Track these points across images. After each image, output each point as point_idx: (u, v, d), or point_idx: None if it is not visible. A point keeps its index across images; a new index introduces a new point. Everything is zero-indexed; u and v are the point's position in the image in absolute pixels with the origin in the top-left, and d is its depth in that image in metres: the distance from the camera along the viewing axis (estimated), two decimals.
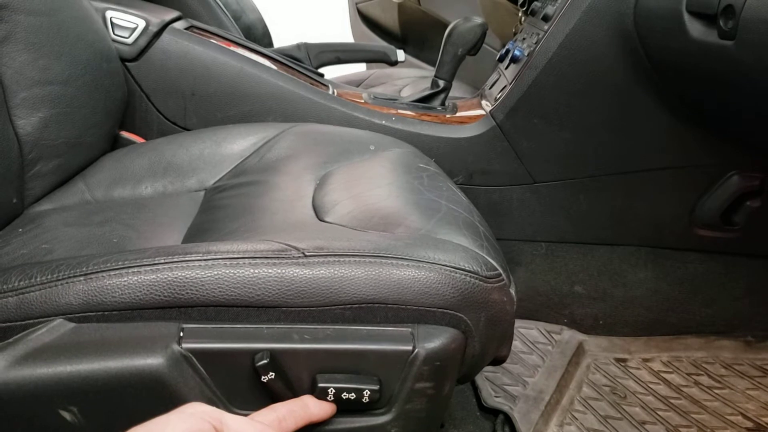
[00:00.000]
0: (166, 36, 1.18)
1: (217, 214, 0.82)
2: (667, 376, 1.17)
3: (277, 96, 1.20)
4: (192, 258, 0.60)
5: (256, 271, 0.59)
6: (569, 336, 1.25)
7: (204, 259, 0.60)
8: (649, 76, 1.13)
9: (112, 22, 1.15)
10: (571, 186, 1.24)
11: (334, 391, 0.58)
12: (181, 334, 0.57)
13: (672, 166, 1.22)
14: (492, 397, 1.08)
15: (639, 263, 1.28)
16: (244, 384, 0.58)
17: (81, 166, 0.98)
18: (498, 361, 0.71)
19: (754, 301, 1.28)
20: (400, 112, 1.29)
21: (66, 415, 0.56)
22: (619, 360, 1.21)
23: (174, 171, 0.96)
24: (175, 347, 0.57)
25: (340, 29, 2.77)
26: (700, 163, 1.21)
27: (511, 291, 0.66)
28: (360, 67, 2.35)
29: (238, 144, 1.00)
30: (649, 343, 1.25)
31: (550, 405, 1.07)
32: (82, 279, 0.59)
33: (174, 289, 0.58)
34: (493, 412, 1.07)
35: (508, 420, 1.04)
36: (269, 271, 0.59)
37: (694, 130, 1.17)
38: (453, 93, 1.41)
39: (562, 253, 1.29)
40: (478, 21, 1.32)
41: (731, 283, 1.28)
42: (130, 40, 1.16)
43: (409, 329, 0.61)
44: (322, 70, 1.49)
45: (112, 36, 1.14)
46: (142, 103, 1.19)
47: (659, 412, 1.07)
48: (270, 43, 1.94)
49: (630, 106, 1.17)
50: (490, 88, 1.39)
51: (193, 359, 0.57)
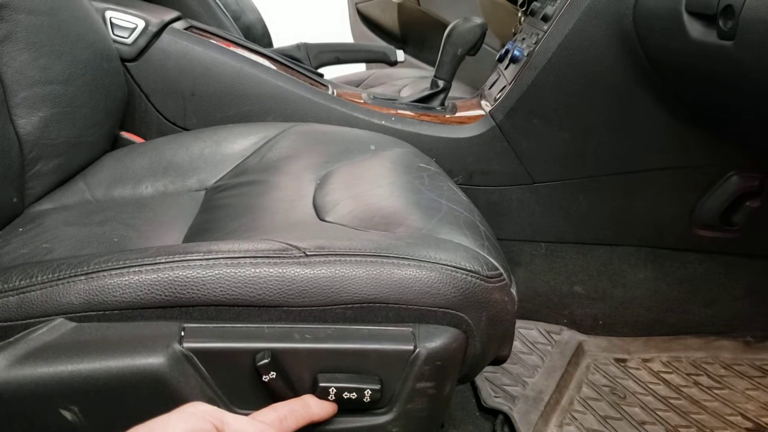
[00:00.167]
0: (165, 36, 1.18)
1: (217, 213, 0.82)
2: (666, 377, 1.17)
3: (277, 96, 1.20)
4: (193, 257, 0.60)
5: (257, 270, 0.59)
6: (569, 336, 1.25)
7: (205, 259, 0.60)
8: (648, 76, 1.14)
9: (111, 22, 1.15)
10: (571, 186, 1.24)
11: (335, 390, 0.58)
12: (182, 334, 0.57)
13: (671, 167, 1.22)
14: (491, 398, 1.08)
15: (638, 263, 1.28)
16: (245, 383, 0.58)
17: (81, 166, 0.98)
18: (499, 360, 0.71)
19: (754, 301, 1.28)
20: (399, 112, 1.29)
21: (67, 415, 0.56)
22: (618, 360, 1.21)
23: (174, 170, 0.96)
24: (176, 347, 0.56)
25: (339, 29, 2.76)
26: (700, 163, 1.21)
27: (512, 291, 0.66)
28: (359, 68, 2.35)
29: (238, 143, 1.00)
30: (648, 344, 1.25)
31: (549, 405, 1.07)
32: (83, 278, 0.58)
33: (175, 289, 0.58)
34: (493, 413, 1.07)
35: (508, 420, 1.04)
36: (270, 270, 0.59)
37: (693, 131, 1.17)
38: (452, 93, 1.41)
39: (562, 254, 1.29)
40: (478, 21, 1.32)
41: (731, 283, 1.28)
42: (130, 41, 1.15)
43: (411, 329, 0.61)
44: (321, 71, 1.49)
45: (112, 36, 1.14)
46: (141, 104, 1.18)
47: (659, 413, 1.08)
48: (269, 44, 1.94)
49: (629, 107, 1.17)
50: (490, 89, 1.39)
51: (194, 359, 0.57)
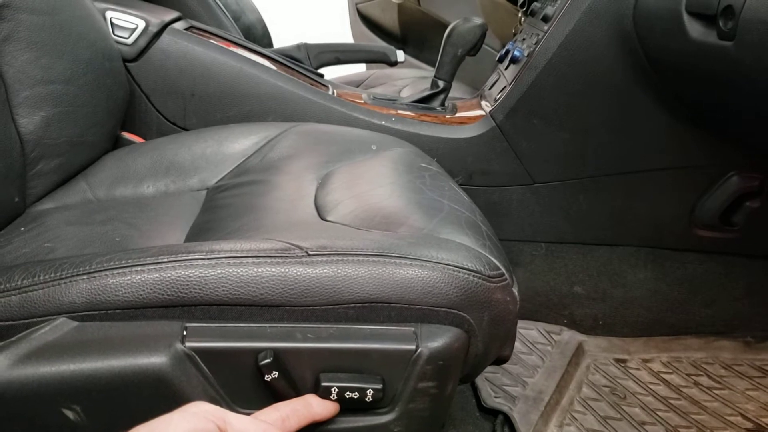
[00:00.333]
0: (165, 36, 1.18)
1: (219, 213, 0.82)
2: (666, 377, 1.17)
3: (277, 96, 1.20)
4: (195, 257, 0.60)
5: (259, 270, 0.59)
6: (569, 336, 1.25)
7: (207, 258, 0.60)
8: (648, 76, 1.14)
9: (111, 23, 1.15)
10: (571, 186, 1.25)
11: (337, 390, 0.58)
12: (184, 333, 0.57)
13: (671, 167, 1.22)
14: (492, 398, 1.08)
15: (639, 264, 1.28)
16: (247, 383, 0.58)
17: (83, 165, 0.98)
18: (500, 360, 0.71)
19: (754, 301, 1.28)
20: (399, 112, 1.29)
21: (69, 414, 0.56)
22: (618, 360, 1.21)
23: (176, 170, 0.96)
24: (179, 346, 0.56)
25: (339, 29, 2.76)
26: (700, 163, 1.21)
27: (514, 290, 0.67)
28: (360, 68, 2.35)
29: (239, 143, 1.00)
30: (648, 344, 1.25)
31: (549, 405, 1.07)
32: (85, 277, 0.58)
33: (177, 288, 0.58)
34: (493, 413, 1.06)
35: (508, 420, 1.04)
36: (272, 270, 0.59)
37: (693, 131, 1.18)
38: (453, 93, 1.41)
39: (562, 254, 1.29)
40: (478, 21, 1.32)
41: (731, 283, 1.28)
42: (130, 41, 1.15)
43: (413, 328, 0.61)
44: (321, 71, 1.49)
45: (112, 36, 1.14)
46: (141, 104, 1.18)
47: (659, 413, 1.08)
48: (270, 44, 1.94)
49: (629, 107, 1.17)
50: (490, 89, 1.39)
51: (197, 358, 0.57)
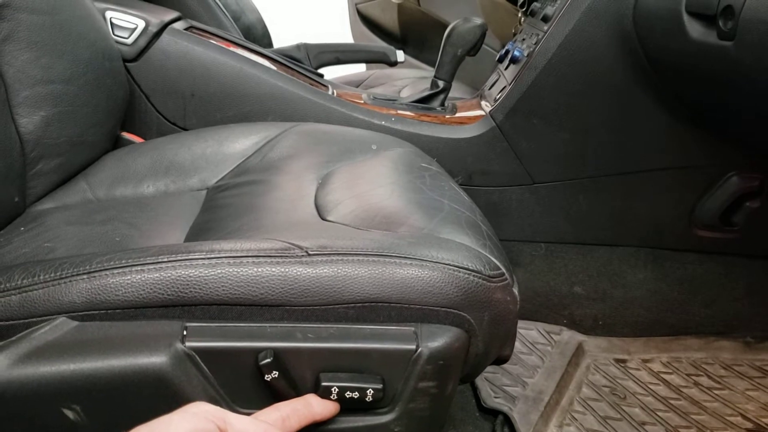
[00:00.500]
0: (165, 36, 1.17)
1: (219, 213, 0.82)
2: (666, 377, 1.17)
3: (277, 96, 1.20)
4: (195, 256, 0.60)
5: (259, 269, 0.59)
6: (569, 337, 1.25)
7: (207, 258, 0.60)
8: (648, 76, 1.14)
9: (111, 23, 1.15)
10: (571, 186, 1.25)
11: (337, 390, 0.58)
12: (184, 333, 0.57)
13: (671, 167, 1.22)
14: (491, 398, 1.08)
15: (638, 264, 1.28)
16: (247, 383, 0.58)
17: (83, 165, 0.98)
18: (501, 360, 0.71)
19: (754, 301, 1.28)
20: (399, 112, 1.29)
21: (69, 414, 0.56)
22: (618, 361, 1.21)
23: (176, 170, 0.96)
24: (179, 346, 0.56)
25: (339, 30, 2.77)
26: (700, 163, 1.21)
27: (514, 290, 0.67)
28: (359, 68, 2.35)
29: (240, 143, 1.00)
30: (648, 344, 1.25)
31: (549, 406, 1.07)
32: (85, 277, 0.58)
33: (177, 288, 0.58)
34: (493, 413, 1.06)
35: (508, 420, 1.04)
36: (273, 269, 0.59)
37: (693, 131, 1.18)
38: (452, 94, 1.41)
39: (562, 254, 1.29)
40: (478, 22, 1.32)
41: (731, 283, 1.28)
42: (130, 41, 1.15)
43: (413, 328, 0.61)
44: (321, 71, 1.49)
45: (112, 36, 1.14)
46: (141, 104, 1.18)
47: (659, 413, 1.08)
48: (269, 44, 1.94)
49: (629, 107, 1.18)
50: (490, 89, 1.39)
51: (197, 358, 0.57)
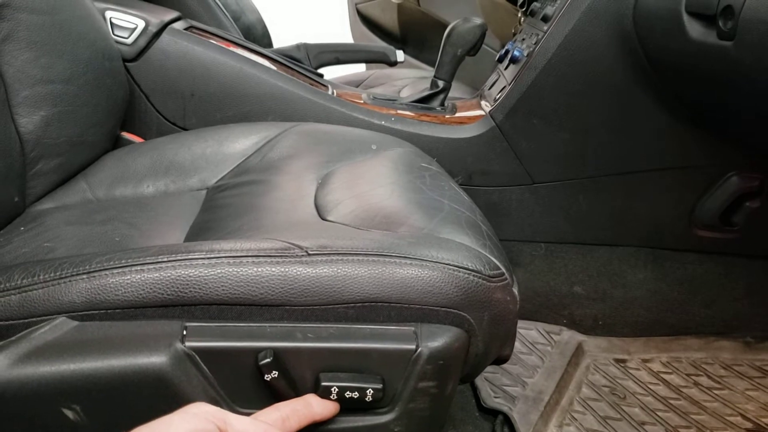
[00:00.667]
0: (165, 36, 1.17)
1: (219, 213, 0.82)
2: (666, 377, 1.17)
3: (277, 96, 1.20)
4: (195, 256, 0.60)
5: (259, 269, 0.59)
6: (568, 336, 1.25)
7: (207, 258, 0.60)
8: (648, 76, 1.14)
9: (111, 23, 1.15)
10: (571, 186, 1.25)
11: (337, 390, 0.58)
12: (184, 333, 0.57)
13: (671, 167, 1.22)
14: (491, 398, 1.08)
15: (638, 264, 1.28)
16: (247, 383, 0.58)
17: (83, 165, 0.98)
18: (500, 360, 0.71)
19: (754, 301, 1.28)
20: (399, 112, 1.29)
21: (69, 414, 0.56)
22: (618, 361, 1.21)
23: (176, 170, 0.96)
24: (179, 346, 0.56)
25: (339, 30, 2.77)
26: (700, 163, 1.21)
27: (514, 290, 0.67)
28: (359, 68, 2.35)
29: (239, 143, 1.00)
30: (648, 344, 1.25)
31: (549, 405, 1.07)
32: (85, 277, 0.58)
33: (177, 288, 0.58)
34: (493, 413, 1.06)
35: (508, 420, 1.04)
36: (273, 269, 0.59)
37: (693, 131, 1.18)
38: (452, 93, 1.41)
39: (562, 254, 1.29)
40: (478, 22, 1.32)
41: (731, 283, 1.28)
42: (130, 41, 1.15)
43: (413, 328, 0.61)
44: (321, 71, 1.49)
45: (112, 36, 1.14)
46: (141, 104, 1.18)
47: (659, 413, 1.08)
48: (269, 44, 1.94)
49: (629, 107, 1.18)
50: (490, 89, 1.39)
51: (197, 358, 0.57)
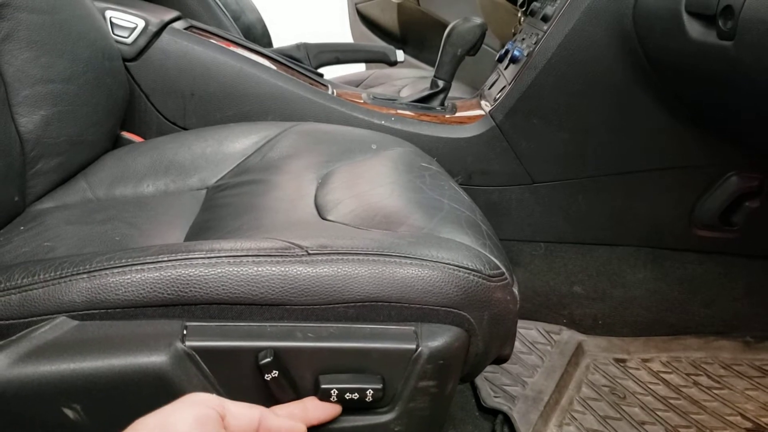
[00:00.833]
0: (165, 36, 1.18)
1: (219, 212, 0.82)
2: (666, 377, 1.17)
3: (277, 96, 1.20)
4: (195, 256, 0.60)
5: (259, 269, 0.59)
6: (568, 336, 1.25)
7: (207, 257, 0.60)
8: (648, 76, 1.14)
9: (111, 22, 1.15)
10: (570, 186, 1.25)
11: (336, 391, 0.58)
12: (184, 332, 0.57)
13: (671, 167, 1.22)
14: (491, 398, 1.08)
15: (638, 264, 1.28)
16: (247, 382, 0.58)
17: (83, 165, 0.98)
18: (500, 360, 0.71)
19: (753, 301, 1.28)
20: (399, 112, 1.29)
21: (69, 413, 0.56)
22: (618, 360, 1.21)
23: (176, 169, 0.96)
24: (179, 345, 0.56)
25: (339, 29, 2.77)
26: (699, 163, 1.21)
27: (514, 290, 0.67)
28: (359, 68, 2.35)
29: (240, 143, 1.00)
30: (648, 344, 1.25)
31: (549, 405, 1.07)
32: (85, 276, 0.58)
33: (177, 287, 0.58)
34: (493, 413, 1.06)
35: (508, 420, 1.04)
36: (273, 269, 0.59)
37: (693, 131, 1.18)
38: (452, 93, 1.41)
39: (561, 254, 1.29)
40: (478, 21, 1.32)
41: (730, 283, 1.28)
42: (130, 40, 1.15)
43: (413, 328, 0.61)
44: (321, 71, 1.49)
45: (112, 35, 1.14)
46: (141, 103, 1.18)
47: (658, 413, 1.08)
48: (269, 43, 1.94)
49: (629, 107, 1.18)
50: (490, 89, 1.39)
51: (197, 357, 0.57)
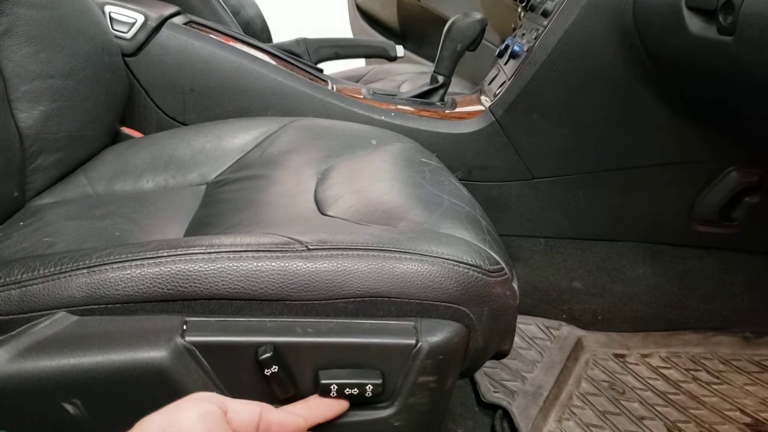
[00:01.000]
0: (164, 31, 1.17)
1: (218, 207, 0.82)
2: (665, 372, 1.17)
3: (276, 91, 1.20)
4: (195, 251, 0.60)
5: (259, 264, 0.59)
6: (568, 331, 1.25)
7: (207, 252, 0.60)
8: (648, 71, 1.14)
9: (110, 17, 1.15)
10: (570, 182, 1.25)
11: (336, 387, 0.58)
12: (184, 327, 0.57)
13: (671, 162, 1.22)
14: (491, 393, 1.08)
15: (638, 259, 1.28)
16: (247, 377, 0.58)
17: (82, 160, 0.98)
18: (500, 355, 0.71)
19: (753, 297, 1.28)
20: (399, 107, 1.29)
21: (69, 408, 0.56)
22: (617, 355, 1.21)
23: (175, 165, 0.96)
24: (179, 340, 0.56)
25: (339, 25, 2.76)
26: (699, 158, 1.21)
27: (514, 285, 0.67)
28: (359, 63, 2.35)
29: (239, 138, 0.99)
30: (647, 339, 1.25)
31: (548, 400, 1.07)
32: (85, 272, 0.58)
33: (177, 282, 0.58)
34: (492, 408, 1.07)
35: (507, 415, 1.04)
36: (272, 264, 0.59)
37: (693, 126, 1.18)
38: (452, 89, 1.41)
39: (561, 249, 1.29)
40: (478, 16, 1.32)
41: (730, 279, 1.28)
42: (129, 35, 1.15)
43: (412, 323, 0.61)
44: (321, 66, 1.49)
45: (111, 31, 1.14)
46: (140, 99, 1.18)
47: (658, 408, 1.08)
48: (269, 39, 1.93)
49: (629, 102, 1.18)
50: (490, 84, 1.39)
51: (197, 352, 0.57)
